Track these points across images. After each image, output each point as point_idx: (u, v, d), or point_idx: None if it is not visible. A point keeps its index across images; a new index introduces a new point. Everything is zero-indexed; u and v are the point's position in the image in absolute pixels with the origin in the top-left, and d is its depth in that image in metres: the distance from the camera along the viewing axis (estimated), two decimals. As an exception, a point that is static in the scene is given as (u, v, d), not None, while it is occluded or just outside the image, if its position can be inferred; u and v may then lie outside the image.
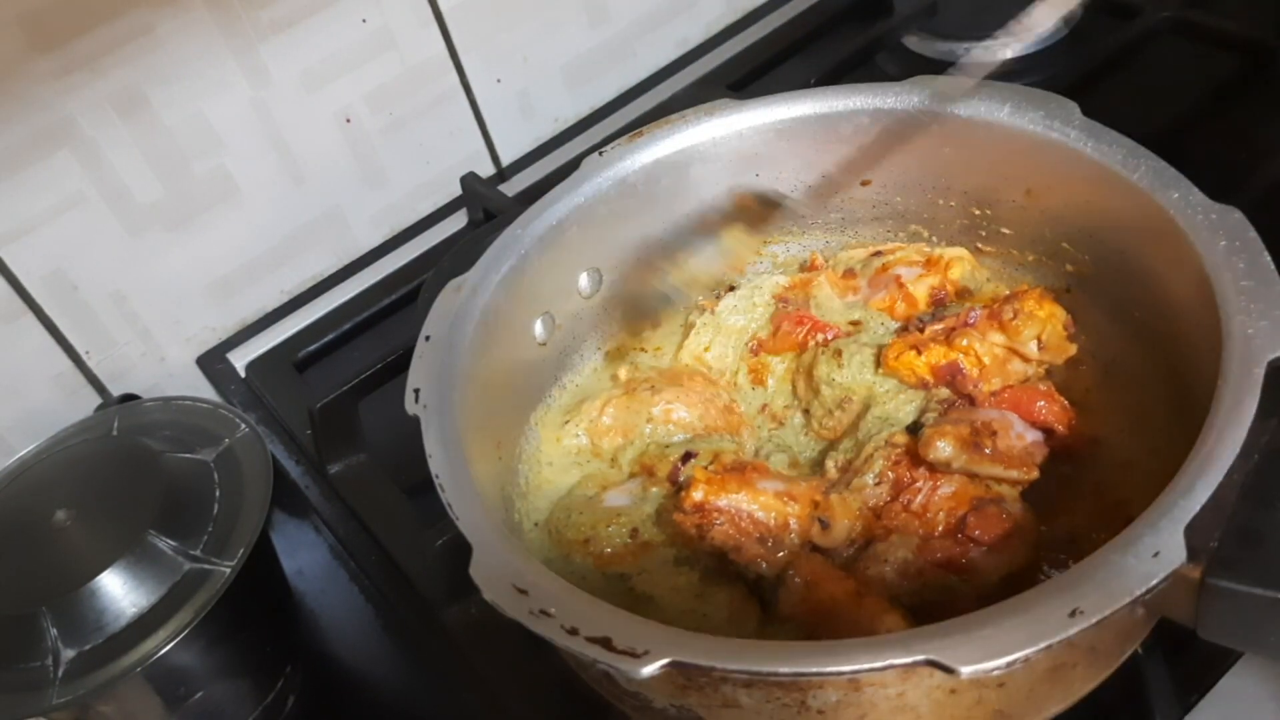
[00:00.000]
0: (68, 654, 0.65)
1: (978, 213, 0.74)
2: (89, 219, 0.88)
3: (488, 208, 0.96)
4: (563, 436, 0.72)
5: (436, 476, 0.58)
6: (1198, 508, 0.47)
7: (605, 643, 0.48)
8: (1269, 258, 0.56)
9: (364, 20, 0.95)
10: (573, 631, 0.49)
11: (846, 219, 0.80)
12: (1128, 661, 0.56)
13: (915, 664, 0.44)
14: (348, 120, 0.99)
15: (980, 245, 0.75)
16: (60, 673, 0.64)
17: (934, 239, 0.77)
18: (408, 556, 0.74)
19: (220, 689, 0.71)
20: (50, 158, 0.84)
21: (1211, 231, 0.58)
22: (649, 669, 0.47)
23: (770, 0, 1.20)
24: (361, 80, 0.98)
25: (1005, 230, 0.73)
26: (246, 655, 0.73)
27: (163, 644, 0.65)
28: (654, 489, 0.66)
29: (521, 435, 0.72)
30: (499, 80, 1.06)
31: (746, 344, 0.75)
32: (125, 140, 0.87)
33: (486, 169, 1.09)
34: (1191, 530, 0.47)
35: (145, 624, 0.66)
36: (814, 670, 0.46)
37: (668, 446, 0.69)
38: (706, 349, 0.75)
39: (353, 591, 0.78)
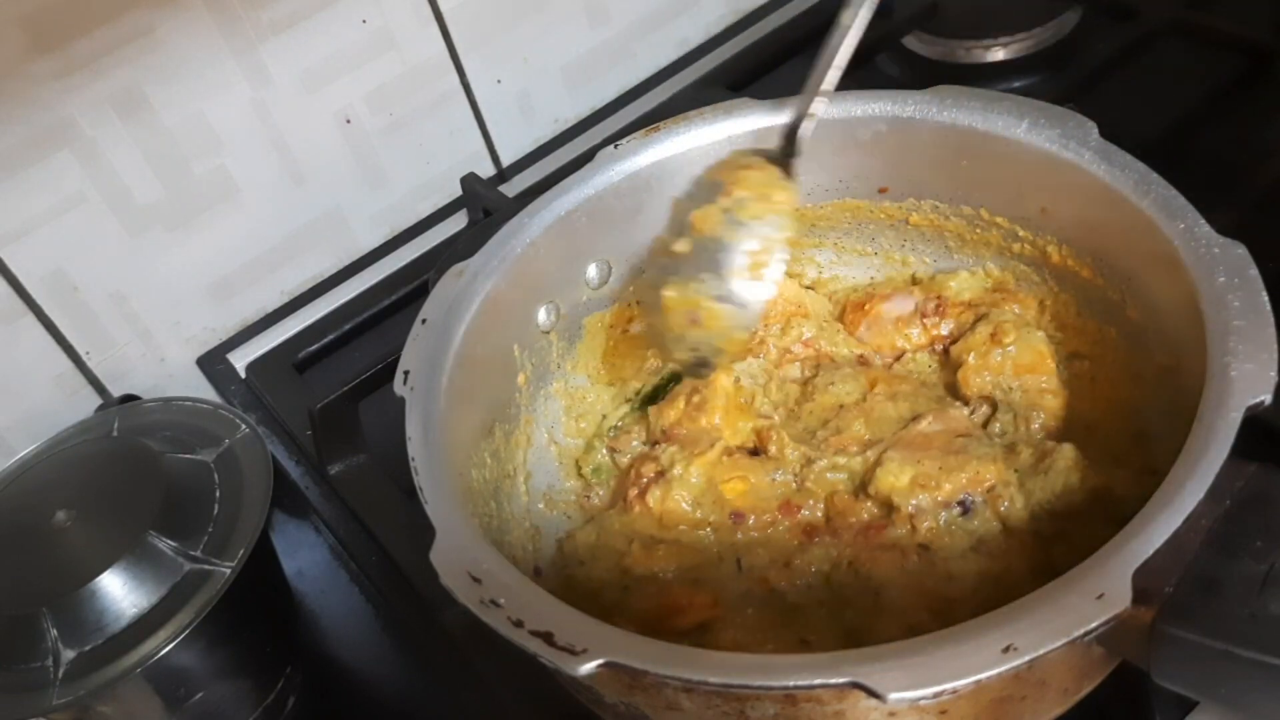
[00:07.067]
0: (68, 654, 0.65)
1: (995, 223, 0.73)
2: (89, 219, 0.88)
3: (488, 208, 0.96)
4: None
5: (413, 459, 0.59)
6: (1150, 551, 0.46)
7: (547, 638, 0.49)
8: (1266, 297, 0.54)
9: (364, 21, 0.95)
10: (518, 624, 0.49)
11: (861, 225, 0.79)
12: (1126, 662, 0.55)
13: (842, 686, 0.44)
14: (348, 120, 0.98)
15: (1005, 261, 0.74)
16: (60, 673, 0.64)
17: (948, 249, 0.76)
18: (408, 557, 0.74)
19: (220, 689, 0.71)
20: (50, 158, 0.84)
21: (1212, 266, 0.56)
22: (586, 667, 0.47)
23: (770, 0, 1.20)
24: (361, 80, 0.98)
25: (1023, 246, 0.72)
26: (246, 656, 0.73)
27: (163, 644, 0.65)
28: None
29: (519, 418, 0.72)
30: (499, 81, 1.06)
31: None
32: (125, 140, 0.87)
33: (487, 169, 1.09)
34: (1145, 573, 0.45)
35: (145, 624, 0.66)
36: (741, 683, 0.46)
37: None
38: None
39: (353, 592, 0.78)
